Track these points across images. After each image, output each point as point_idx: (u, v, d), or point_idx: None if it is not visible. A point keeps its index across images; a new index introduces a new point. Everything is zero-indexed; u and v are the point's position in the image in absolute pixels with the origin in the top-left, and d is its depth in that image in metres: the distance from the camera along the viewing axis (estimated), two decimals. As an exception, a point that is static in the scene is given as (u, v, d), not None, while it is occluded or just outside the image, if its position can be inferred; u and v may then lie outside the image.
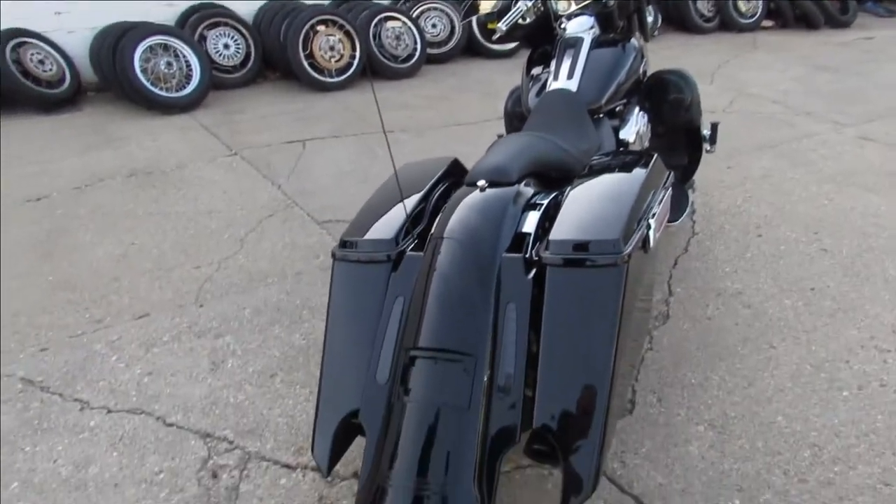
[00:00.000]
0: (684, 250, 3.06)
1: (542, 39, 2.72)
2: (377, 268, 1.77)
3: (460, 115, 4.97)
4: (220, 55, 5.61)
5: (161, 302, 2.71)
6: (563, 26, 2.61)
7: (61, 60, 5.15)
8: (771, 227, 3.21)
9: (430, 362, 1.55)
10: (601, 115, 2.44)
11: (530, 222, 1.75)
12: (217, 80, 5.59)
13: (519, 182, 1.82)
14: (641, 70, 2.61)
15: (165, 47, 5.13)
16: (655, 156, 1.92)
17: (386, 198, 1.93)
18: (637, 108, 2.59)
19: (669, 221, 2.66)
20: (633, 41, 2.62)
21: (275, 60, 5.77)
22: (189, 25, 5.50)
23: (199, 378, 2.27)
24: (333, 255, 1.79)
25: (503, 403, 1.50)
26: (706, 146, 2.90)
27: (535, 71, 2.61)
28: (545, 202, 1.81)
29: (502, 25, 2.52)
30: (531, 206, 1.80)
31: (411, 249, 1.74)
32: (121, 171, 4.03)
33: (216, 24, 5.61)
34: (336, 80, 5.61)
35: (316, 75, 5.53)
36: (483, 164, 1.86)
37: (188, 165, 4.11)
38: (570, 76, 2.42)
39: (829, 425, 1.99)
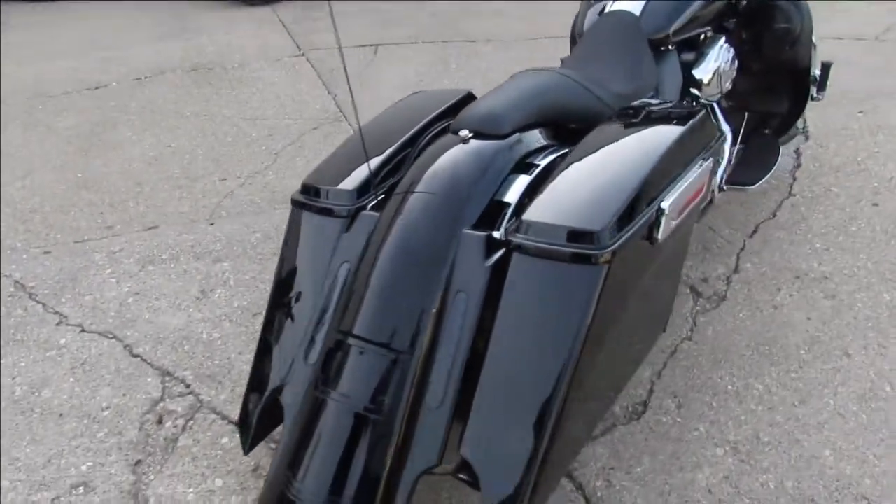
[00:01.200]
0: (771, 215, 2.55)
1: None
2: (332, 224, 1.50)
3: (557, 27, 4.44)
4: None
5: (175, 214, 2.57)
6: None
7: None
8: (892, 196, 2.61)
9: (355, 352, 1.29)
10: (669, 48, 1.96)
11: (515, 189, 1.39)
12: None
13: (518, 133, 1.46)
14: None
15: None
16: (704, 111, 1.48)
17: (372, 135, 1.61)
18: (722, 40, 2.08)
19: (744, 185, 2.18)
20: None
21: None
22: None
23: (181, 306, 2.13)
24: (292, 201, 1.54)
25: (428, 417, 1.23)
26: (812, 91, 2.33)
27: None
28: (543, 163, 1.44)
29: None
30: (525, 166, 1.44)
31: (373, 206, 1.44)
32: (184, 64, 3.90)
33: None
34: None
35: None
36: (474, 109, 1.50)
37: (251, 64, 3.91)
38: None
39: (893, 473, 1.56)
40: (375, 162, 1.49)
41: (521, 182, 1.40)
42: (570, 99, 1.58)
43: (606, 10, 1.97)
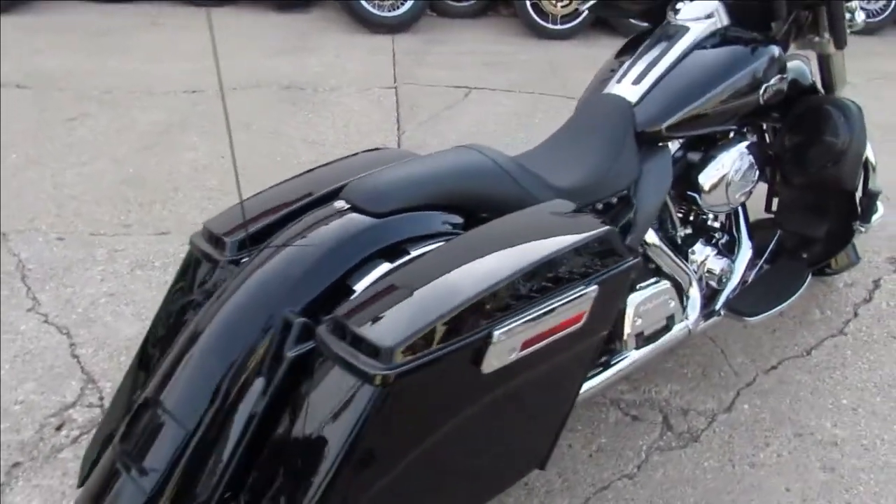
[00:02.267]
0: (805, 352, 2.17)
1: (659, 16, 2.00)
2: (202, 272, 1.46)
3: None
4: (452, -19, 5.35)
5: (190, 224, 2.64)
6: (677, 6, 1.87)
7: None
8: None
9: (150, 413, 1.23)
10: (662, 144, 1.72)
11: (370, 275, 1.27)
12: (442, 7, 5.35)
13: (402, 214, 1.33)
14: (769, 90, 1.77)
15: (390, -36, 5.03)
16: (607, 230, 1.27)
17: (299, 186, 1.55)
18: (740, 145, 1.80)
19: (741, 314, 1.86)
20: (771, 48, 1.79)
21: (508, -5, 5.34)
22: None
23: (142, 316, 2.17)
24: (189, 240, 1.51)
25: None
26: (857, 224, 1.96)
27: (622, 60, 1.91)
28: (415, 252, 1.30)
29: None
30: (397, 252, 1.31)
31: (239, 262, 1.38)
32: (281, 80, 4.05)
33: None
34: (558, 27, 5.03)
35: (537, 18, 5.00)
36: (365, 180, 1.39)
37: (342, 89, 3.99)
38: (637, 80, 1.74)
39: None
40: (263, 213, 1.43)
41: (380, 269, 1.27)
42: (483, 185, 1.42)
43: (605, 91, 1.77)
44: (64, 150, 3.17)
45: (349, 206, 1.33)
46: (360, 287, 1.25)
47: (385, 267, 1.27)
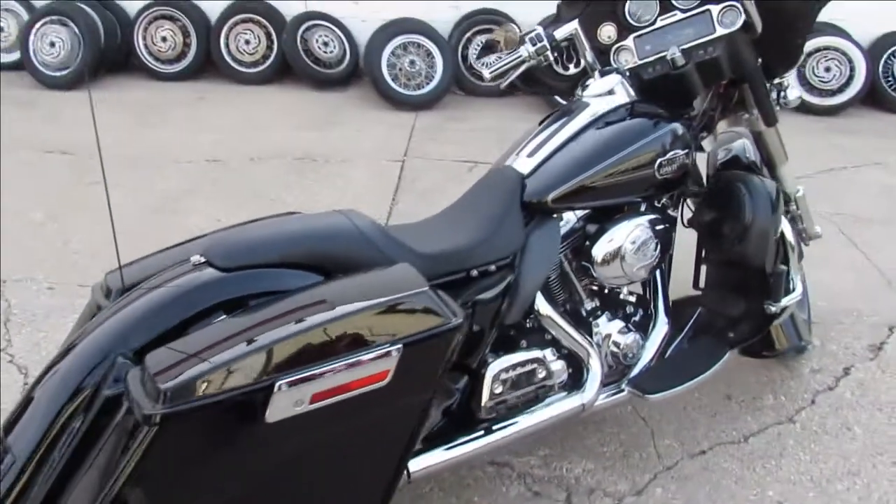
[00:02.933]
0: (743, 438, 2.08)
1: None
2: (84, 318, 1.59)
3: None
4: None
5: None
6: (587, 82, 1.93)
7: (346, 45, 5.65)
8: None
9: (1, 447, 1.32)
10: (554, 215, 1.75)
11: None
12: (472, 86, 5.55)
13: (252, 270, 1.42)
14: (666, 166, 1.78)
15: (418, 45, 5.28)
16: (425, 291, 1.31)
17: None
18: (638, 219, 1.80)
19: (643, 392, 1.82)
20: (671, 124, 1.81)
21: (538, 75, 5.50)
22: (461, 29, 5.54)
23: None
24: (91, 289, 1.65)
25: None
26: (768, 303, 1.89)
27: (529, 133, 1.96)
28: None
29: (487, 73, 1.95)
30: (240, 305, 1.38)
31: None
32: (297, 152, 4.29)
33: (487, 31, 5.55)
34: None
35: (560, 99, 5.12)
36: (220, 236, 1.49)
37: (353, 160, 4.19)
38: (532, 153, 1.80)
39: None
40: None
41: (219, 321, 1.35)
42: (340, 248, 1.48)
43: (505, 163, 1.83)
44: (81, 211, 3.45)
45: (204, 260, 1.43)
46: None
47: (222, 318, 1.35)
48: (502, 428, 1.66)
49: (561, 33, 1.94)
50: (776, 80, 2.07)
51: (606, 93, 1.86)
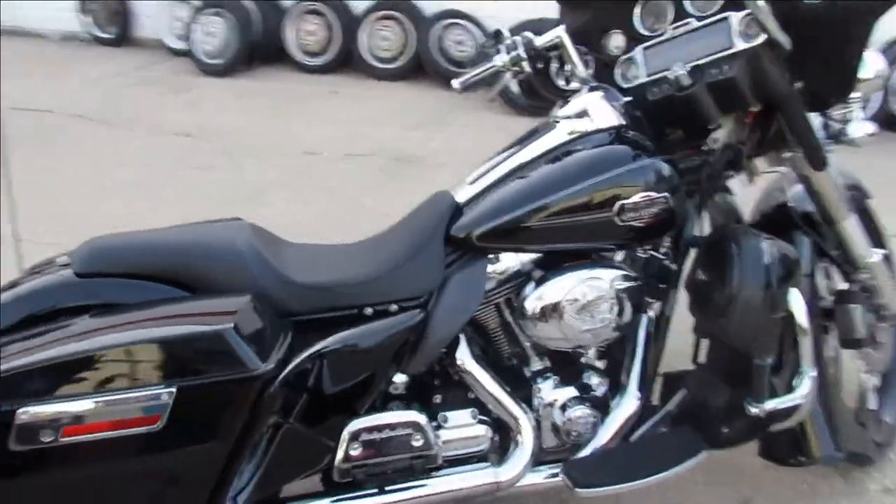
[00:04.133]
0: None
1: None
2: None
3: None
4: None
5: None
6: (570, 98, 1.63)
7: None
8: None
9: None
10: (482, 254, 1.48)
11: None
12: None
13: (110, 279, 1.34)
14: (630, 210, 1.43)
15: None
16: (224, 328, 1.15)
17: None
18: (589, 271, 1.47)
19: (575, 484, 1.49)
20: (652, 162, 1.46)
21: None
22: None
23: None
24: None
25: None
26: (749, 401, 1.45)
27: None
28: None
29: (456, 83, 1.71)
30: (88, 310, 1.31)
31: None
32: (395, 151, 4.24)
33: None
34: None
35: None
36: (93, 240, 1.42)
37: (445, 165, 4.04)
38: (475, 180, 1.54)
39: None
40: None
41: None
42: (207, 265, 1.35)
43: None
44: (172, 191, 3.65)
45: (68, 261, 1.36)
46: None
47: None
48: (387, 494, 1.43)
49: (542, 40, 1.65)
50: (832, 111, 1.61)
51: (580, 114, 1.54)
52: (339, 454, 1.37)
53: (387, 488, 1.42)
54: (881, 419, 1.91)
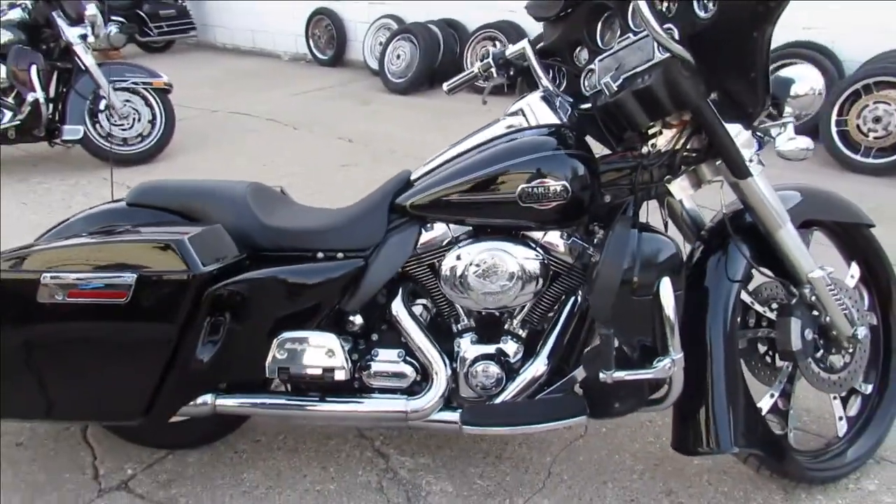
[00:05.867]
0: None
1: None
2: None
3: None
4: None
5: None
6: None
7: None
8: None
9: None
10: (415, 220, 1.79)
11: None
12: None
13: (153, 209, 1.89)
14: (529, 194, 1.65)
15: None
16: (179, 239, 1.61)
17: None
18: (496, 244, 1.72)
19: (463, 421, 1.75)
20: (562, 155, 1.68)
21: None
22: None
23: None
24: None
25: None
26: (602, 371, 1.58)
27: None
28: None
29: (445, 86, 2.04)
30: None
31: None
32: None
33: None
34: (872, 161, 4.22)
35: (844, 148, 4.29)
36: (153, 182, 1.97)
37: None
38: (431, 160, 1.87)
39: None
40: None
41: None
42: (213, 205, 1.84)
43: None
44: (312, 178, 4.30)
45: (126, 198, 1.93)
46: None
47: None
48: (307, 400, 1.80)
49: (510, 51, 1.92)
50: (762, 125, 1.68)
51: (516, 112, 1.80)
52: (269, 357, 1.76)
53: (308, 393, 1.79)
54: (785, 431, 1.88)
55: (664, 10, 1.60)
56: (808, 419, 2.14)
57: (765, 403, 1.84)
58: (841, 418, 1.96)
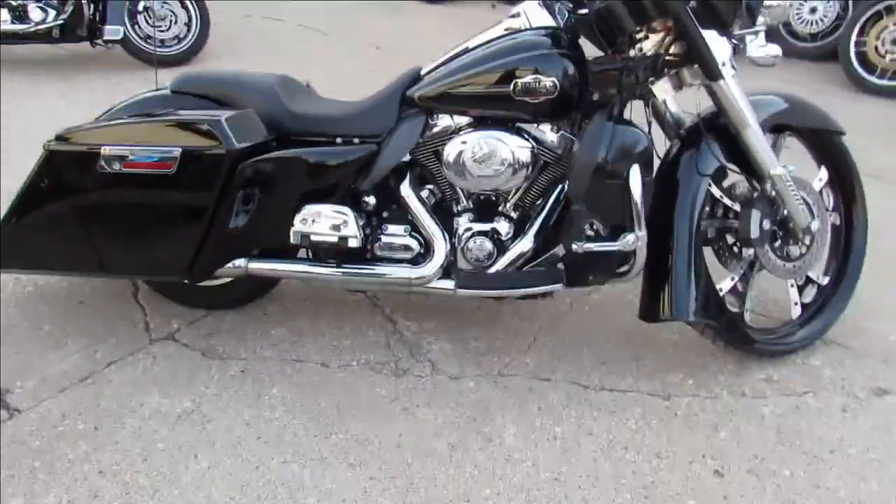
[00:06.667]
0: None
1: None
2: None
3: None
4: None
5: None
6: None
7: None
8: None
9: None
10: (422, 111, 2.02)
11: None
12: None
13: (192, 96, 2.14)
14: (522, 87, 1.86)
15: None
16: (216, 119, 1.89)
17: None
18: (494, 132, 1.94)
19: (456, 285, 2.02)
20: (554, 55, 1.88)
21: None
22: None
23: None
24: None
25: None
26: (573, 240, 1.85)
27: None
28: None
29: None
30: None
31: None
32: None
33: None
34: (888, 83, 4.28)
35: (860, 69, 4.35)
36: (197, 70, 2.22)
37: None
38: (441, 56, 2.07)
39: None
40: None
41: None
42: (247, 93, 2.09)
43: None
44: (335, 80, 4.50)
45: (170, 85, 2.18)
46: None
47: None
48: (326, 266, 2.09)
49: None
50: (736, 31, 1.86)
51: (516, 14, 1.98)
52: (294, 226, 2.05)
53: (328, 260, 2.09)
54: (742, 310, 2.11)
55: None
56: (773, 308, 2.39)
57: (725, 284, 2.08)
58: (796, 304, 2.21)
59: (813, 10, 4.89)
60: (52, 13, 4.70)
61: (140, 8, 4.81)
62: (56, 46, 4.97)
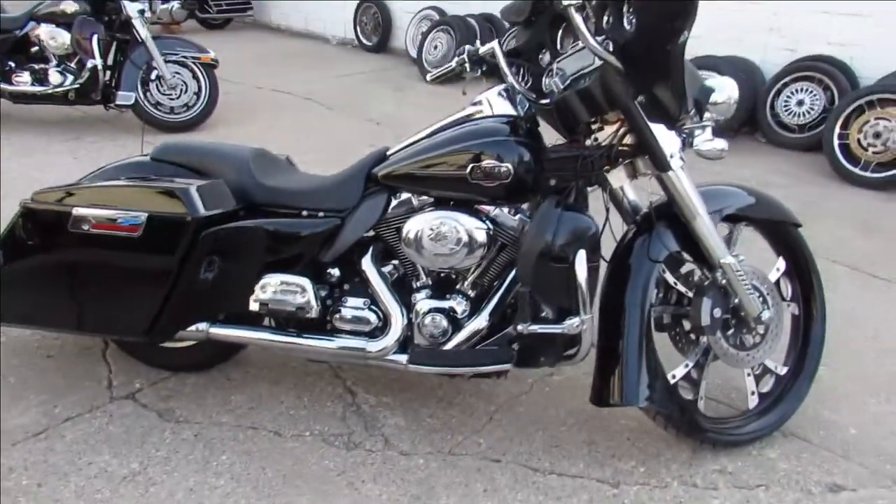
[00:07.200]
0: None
1: None
2: None
3: None
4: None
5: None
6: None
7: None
8: None
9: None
10: (385, 189, 2.10)
11: None
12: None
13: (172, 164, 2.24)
14: (478, 171, 1.94)
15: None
16: (186, 188, 1.96)
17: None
18: (451, 213, 2.00)
19: (407, 361, 2.05)
20: (510, 142, 1.96)
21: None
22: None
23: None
24: None
25: None
26: (518, 323, 1.92)
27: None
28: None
29: (428, 76, 2.33)
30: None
31: None
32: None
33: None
34: (871, 175, 4.34)
35: (844, 161, 4.42)
36: (176, 139, 2.32)
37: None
38: (409, 137, 2.16)
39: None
40: None
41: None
42: (221, 164, 2.18)
43: None
44: (334, 153, 4.63)
45: (151, 153, 2.28)
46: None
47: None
48: (286, 335, 2.12)
49: (482, 50, 2.19)
50: (685, 126, 1.93)
51: (478, 102, 2.08)
52: (254, 294, 2.10)
53: (288, 329, 2.12)
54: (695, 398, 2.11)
55: (605, 23, 1.87)
56: (736, 397, 2.37)
57: (679, 371, 2.09)
58: (753, 393, 2.20)
59: (800, 103, 5.01)
60: (70, 77, 4.92)
61: (153, 76, 5.02)
62: (71, 108, 5.18)
